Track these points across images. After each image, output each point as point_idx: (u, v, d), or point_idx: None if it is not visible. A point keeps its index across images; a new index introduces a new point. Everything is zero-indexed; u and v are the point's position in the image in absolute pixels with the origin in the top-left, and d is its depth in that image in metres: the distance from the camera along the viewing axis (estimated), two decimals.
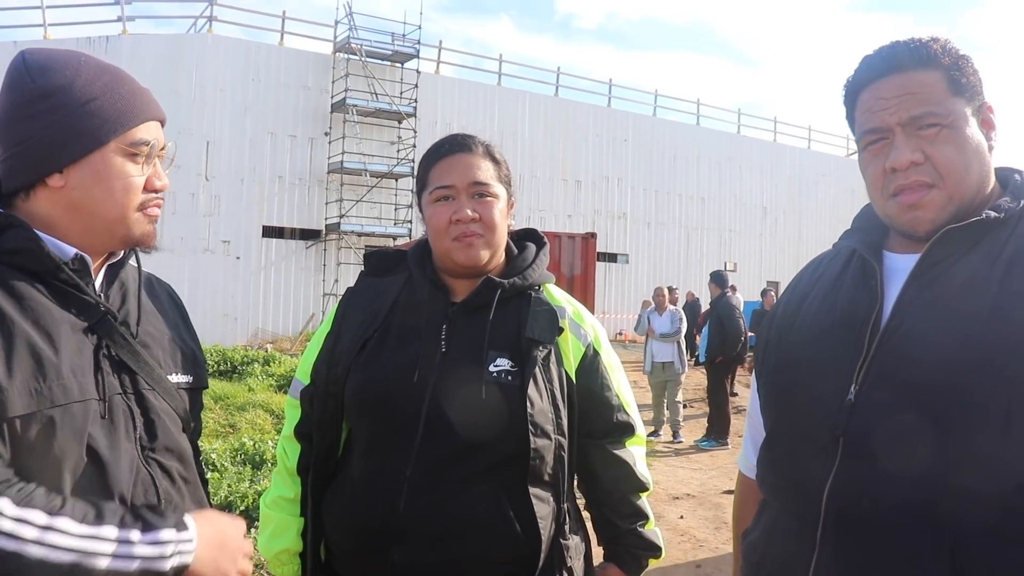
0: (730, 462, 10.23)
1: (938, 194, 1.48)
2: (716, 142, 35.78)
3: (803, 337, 1.66)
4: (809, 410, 1.57)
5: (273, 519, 2.11)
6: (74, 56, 1.55)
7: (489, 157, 2.06)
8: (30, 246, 1.44)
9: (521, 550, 1.90)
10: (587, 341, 2.10)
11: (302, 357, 2.22)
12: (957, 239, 1.47)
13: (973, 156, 1.49)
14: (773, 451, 1.71)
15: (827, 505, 1.48)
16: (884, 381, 1.45)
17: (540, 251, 2.16)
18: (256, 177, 25.29)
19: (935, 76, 1.49)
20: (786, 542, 1.60)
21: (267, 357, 14.22)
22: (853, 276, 1.63)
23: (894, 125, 1.50)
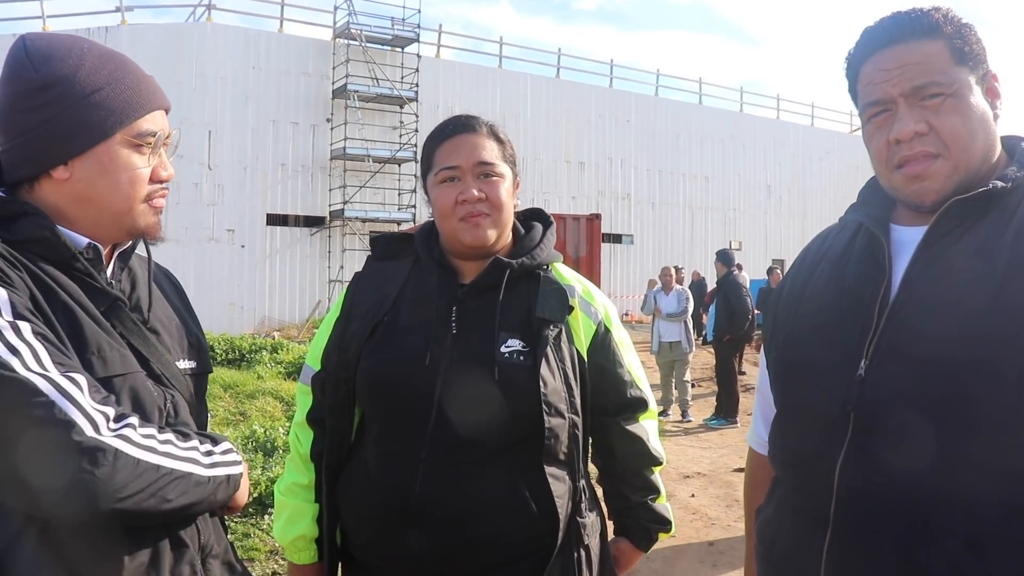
0: (740, 440, 10.24)
1: (943, 164, 1.46)
2: (719, 121, 35.65)
3: (811, 312, 1.65)
4: (819, 385, 1.56)
5: (288, 506, 2.11)
6: (77, 43, 1.52)
7: (493, 137, 2.06)
8: (46, 235, 1.44)
9: (538, 529, 1.90)
10: (598, 319, 2.10)
11: (312, 343, 2.22)
12: (965, 210, 1.45)
13: (978, 125, 1.47)
14: (784, 427, 1.71)
15: (839, 480, 1.48)
16: (894, 355, 1.45)
17: (547, 230, 2.16)
18: (259, 165, 25.27)
19: (937, 45, 1.47)
20: (799, 518, 1.59)
21: (275, 345, 14.23)
22: (860, 250, 1.62)
23: (897, 96, 1.49)
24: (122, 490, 1.27)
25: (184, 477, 1.39)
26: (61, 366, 1.29)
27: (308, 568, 2.12)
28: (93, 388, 1.32)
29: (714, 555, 5.93)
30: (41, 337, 1.30)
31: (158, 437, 1.37)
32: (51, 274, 1.42)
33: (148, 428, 1.37)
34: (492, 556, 1.90)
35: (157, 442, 1.36)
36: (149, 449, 1.33)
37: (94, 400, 1.30)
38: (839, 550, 1.48)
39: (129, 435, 1.31)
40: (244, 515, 5.72)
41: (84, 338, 1.40)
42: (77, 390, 1.28)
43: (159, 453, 1.35)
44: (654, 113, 33.72)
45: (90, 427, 1.27)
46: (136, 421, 1.34)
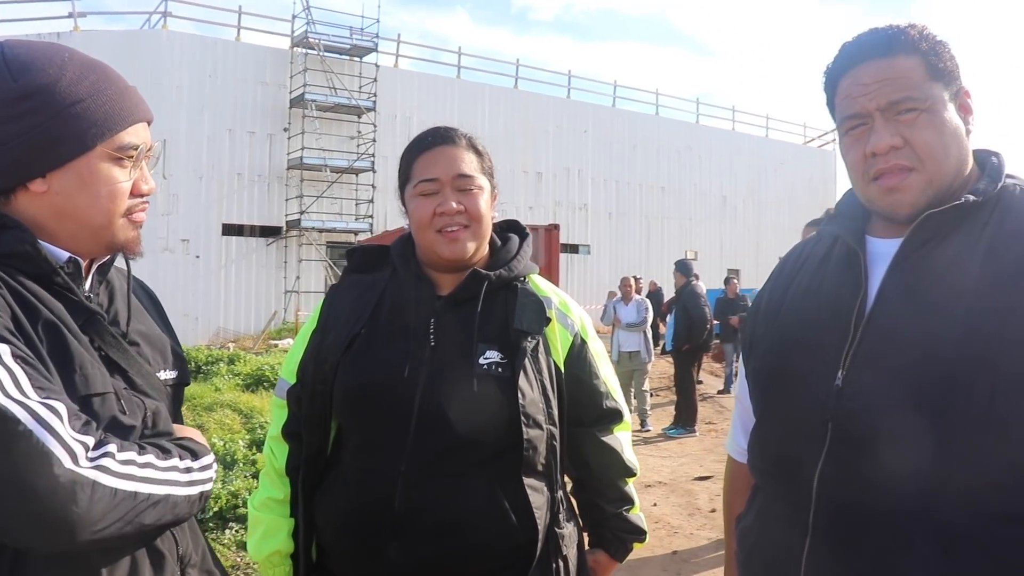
0: (699, 449, 10.32)
1: (918, 177, 1.49)
2: (676, 132, 36.00)
3: (790, 323, 1.68)
4: (798, 395, 1.59)
5: (263, 521, 2.09)
6: (58, 52, 1.47)
7: (472, 149, 2.06)
8: (27, 249, 1.40)
9: (518, 540, 1.90)
10: (574, 330, 2.10)
11: (287, 356, 2.19)
12: (938, 223, 1.49)
13: (951, 140, 1.51)
14: (764, 436, 1.73)
15: (818, 489, 1.50)
16: (870, 366, 1.47)
17: (523, 242, 2.16)
18: (215, 174, 25.03)
19: (913, 62, 1.51)
20: (779, 527, 1.62)
21: (232, 356, 14.05)
22: (837, 262, 1.65)
23: (873, 110, 1.52)
24: (99, 522, 1.25)
25: (162, 500, 1.36)
26: (41, 391, 1.26)
27: None
28: (73, 415, 1.28)
29: (678, 563, 5.96)
30: (21, 360, 1.27)
31: (138, 461, 1.34)
32: (32, 290, 1.38)
33: (128, 452, 1.33)
34: (472, 567, 1.89)
35: (136, 467, 1.33)
36: (127, 477, 1.30)
37: (73, 428, 1.26)
38: (818, 557, 1.51)
39: (107, 465, 1.28)
40: (204, 530, 5.64)
41: (68, 356, 1.37)
42: (56, 419, 1.25)
43: (137, 479, 1.32)
44: (611, 124, 33.94)
45: (68, 459, 1.23)
46: (115, 448, 1.31)
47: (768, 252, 36.36)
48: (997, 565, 1.34)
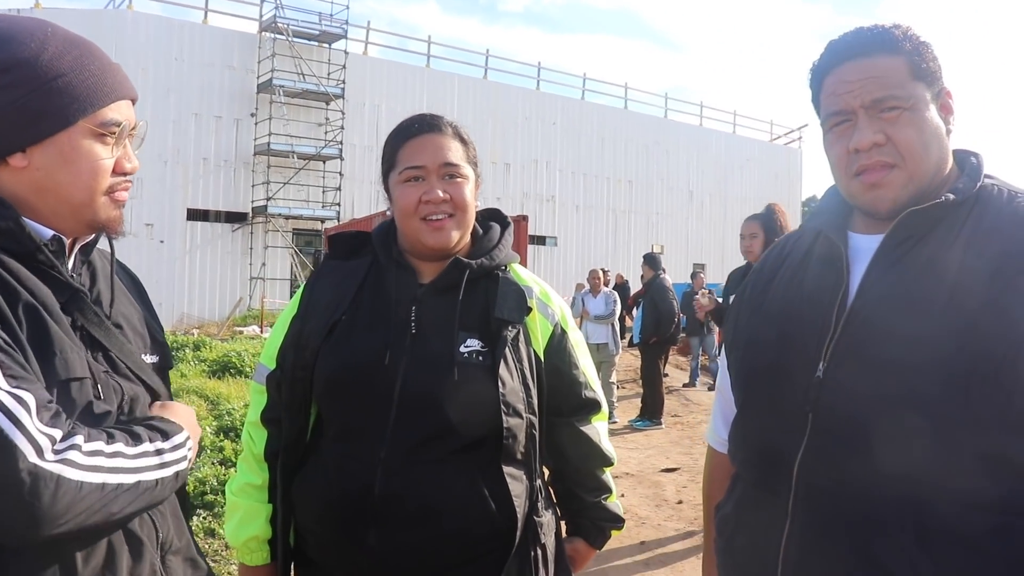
0: (665, 441, 10.39)
1: (899, 174, 1.53)
2: (644, 126, 36.18)
3: (772, 316, 1.71)
4: (779, 386, 1.62)
5: (241, 507, 2.08)
6: (40, 26, 1.45)
7: (458, 138, 2.06)
8: (10, 226, 1.38)
9: (497, 528, 1.91)
10: (555, 320, 2.11)
11: (267, 342, 2.18)
12: (918, 221, 1.52)
13: (932, 138, 1.54)
14: (745, 426, 1.76)
15: (798, 477, 1.54)
16: (850, 358, 1.51)
17: (505, 231, 2.16)
18: (180, 159, 24.78)
19: (897, 61, 1.54)
20: (758, 514, 1.65)
21: (197, 342, 13.95)
22: (819, 256, 1.68)
23: (857, 108, 1.55)
24: (63, 515, 1.24)
25: (131, 488, 1.34)
26: (12, 379, 1.24)
27: (260, 569, 2.09)
28: (42, 407, 1.26)
29: (646, 554, 6.01)
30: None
31: (105, 451, 1.32)
32: (12, 269, 1.36)
33: (95, 442, 1.31)
34: (451, 555, 1.90)
35: (104, 457, 1.31)
36: (94, 468, 1.28)
37: (41, 420, 1.24)
38: (797, 543, 1.54)
39: (72, 458, 1.26)
40: None
41: (47, 339, 1.35)
42: (24, 411, 1.23)
43: (105, 470, 1.30)
44: (580, 116, 34.05)
45: (33, 452, 1.21)
46: (82, 439, 1.29)
47: (734, 248, 36.46)
48: (972, 553, 1.38)
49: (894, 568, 1.42)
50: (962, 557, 1.38)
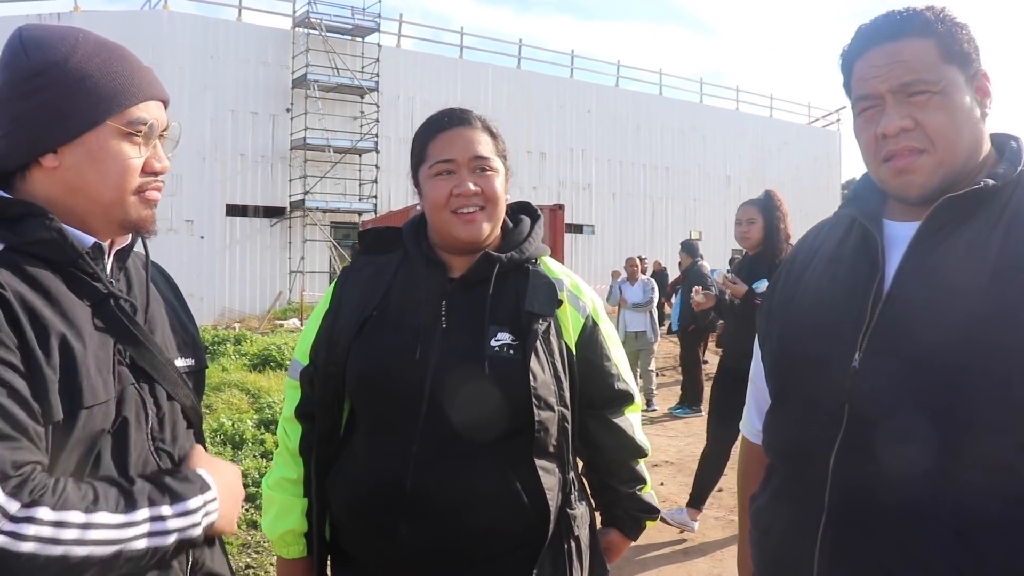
0: (704, 428, 10.32)
1: (928, 159, 1.50)
2: (679, 112, 35.89)
3: (806, 305, 1.69)
4: (814, 377, 1.60)
5: (277, 500, 2.10)
6: (71, 32, 1.49)
7: (488, 131, 2.06)
8: (53, 236, 1.40)
9: (529, 522, 1.91)
10: (586, 312, 2.10)
11: (300, 338, 2.20)
12: (956, 207, 1.49)
13: (964, 123, 1.51)
14: (779, 417, 1.74)
15: (834, 470, 1.52)
16: (887, 348, 1.48)
17: (535, 224, 2.16)
18: (218, 155, 24.99)
19: (927, 44, 1.51)
20: (794, 507, 1.63)
21: (238, 336, 14.06)
22: (854, 245, 1.66)
23: (885, 92, 1.53)
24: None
25: (108, 559, 1.29)
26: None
27: (297, 563, 2.11)
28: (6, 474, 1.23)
29: (685, 543, 5.99)
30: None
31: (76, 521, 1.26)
32: (48, 289, 1.37)
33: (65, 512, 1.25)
34: (484, 549, 1.90)
35: (74, 528, 1.25)
36: (53, 541, 1.23)
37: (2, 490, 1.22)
38: (833, 537, 1.52)
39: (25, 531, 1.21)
40: None
41: (75, 368, 1.35)
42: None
43: (70, 542, 1.25)
44: (615, 104, 33.84)
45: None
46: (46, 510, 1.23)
47: None
48: (1011, 547, 1.35)
49: (932, 563, 1.40)
50: (1003, 550, 1.36)
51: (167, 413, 1.55)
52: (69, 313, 1.38)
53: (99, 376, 1.39)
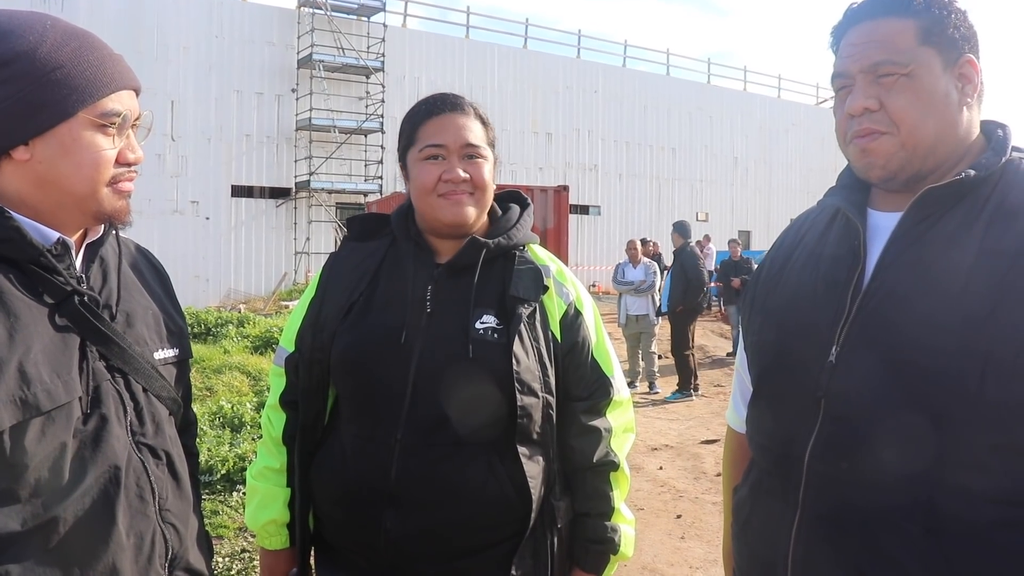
0: (706, 412, 10.34)
1: (889, 141, 1.48)
2: (686, 92, 35.75)
3: (787, 297, 1.67)
4: (792, 370, 1.59)
5: (260, 490, 2.09)
6: (39, 19, 1.45)
7: (479, 119, 2.04)
8: (11, 235, 1.38)
9: (513, 510, 1.90)
10: (569, 300, 2.07)
11: (286, 324, 2.18)
12: (938, 198, 1.46)
13: (931, 107, 1.47)
14: (759, 410, 1.73)
15: (808, 467, 1.51)
16: (864, 343, 1.46)
17: (524, 212, 2.15)
18: (223, 136, 24.99)
19: (905, 24, 1.48)
20: (770, 501, 1.63)
21: (241, 318, 14.08)
22: (837, 235, 1.64)
23: (856, 72, 1.51)
24: None
25: None
26: None
27: (280, 553, 2.10)
28: None
29: (682, 527, 5.98)
30: None
31: None
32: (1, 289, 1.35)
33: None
34: (468, 537, 1.89)
35: None
36: None
37: None
38: (807, 535, 1.52)
39: None
40: (212, 492, 5.69)
41: (26, 378, 1.32)
42: None
43: None
44: (621, 84, 33.72)
45: None
46: None
47: (779, 214, 36.25)
48: (981, 545, 1.34)
49: (903, 561, 1.39)
50: (972, 549, 1.35)
51: (144, 406, 1.53)
52: (19, 319, 1.35)
53: (58, 379, 1.36)
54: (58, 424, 1.35)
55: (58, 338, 1.40)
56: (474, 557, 1.90)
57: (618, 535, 2.05)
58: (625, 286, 11.77)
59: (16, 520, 1.30)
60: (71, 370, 1.40)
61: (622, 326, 12.02)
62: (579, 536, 2.04)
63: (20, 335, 1.34)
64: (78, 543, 1.36)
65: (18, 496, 1.31)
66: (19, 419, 1.29)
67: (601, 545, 2.03)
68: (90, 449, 1.40)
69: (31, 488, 1.32)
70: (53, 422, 1.35)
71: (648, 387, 11.74)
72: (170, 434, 1.61)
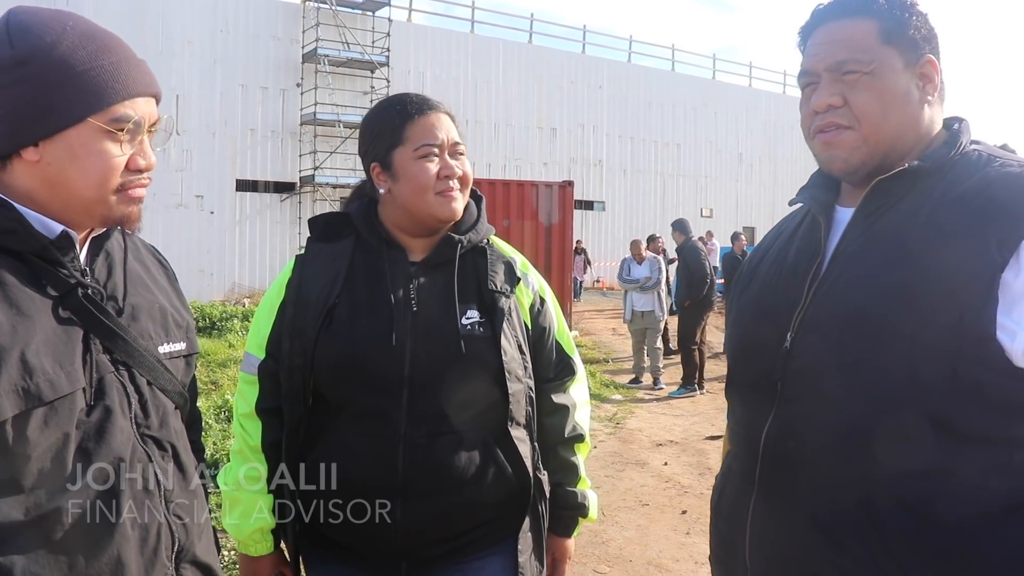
0: (711, 408, 10.33)
1: (852, 135, 1.56)
2: (691, 88, 35.69)
3: (755, 290, 1.78)
4: (756, 357, 1.67)
5: (241, 500, 2.07)
6: (59, 19, 1.43)
7: (451, 116, 2.11)
8: (14, 227, 1.38)
9: (513, 490, 2.03)
10: (535, 289, 2.20)
11: (251, 330, 2.16)
12: (888, 189, 1.54)
13: (892, 105, 1.55)
14: (731, 397, 1.84)
15: (763, 446, 1.59)
16: (813, 328, 1.54)
17: (480, 205, 2.21)
18: (228, 130, 24.97)
19: (868, 25, 1.56)
20: (736, 483, 1.72)
21: (246, 312, 14.11)
22: (804, 231, 1.73)
23: (821, 70, 1.59)
24: None
25: None
26: None
27: (263, 559, 2.12)
28: None
29: (687, 523, 5.99)
30: None
31: None
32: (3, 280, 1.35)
33: None
34: (474, 518, 2.00)
35: None
36: None
37: None
38: (761, 511, 1.60)
39: None
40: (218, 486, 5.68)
41: (28, 368, 1.32)
42: None
43: None
44: (626, 80, 33.66)
45: None
46: None
47: (784, 210, 35.80)
48: (916, 520, 1.40)
49: (847, 543, 1.46)
50: (908, 525, 1.40)
51: (149, 399, 1.53)
52: (23, 309, 1.35)
53: (60, 369, 1.36)
54: (61, 415, 1.35)
55: (61, 330, 1.40)
56: (479, 531, 2.02)
57: (588, 500, 2.25)
58: (631, 283, 11.79)
59: (19, 510, 1.30)
60: (74, 361, 1.40)
61: (628, 322, 12.05)
62: (553, 504, 2.19)
63: (23, 326, 1.33)
64: (82, 534, 1.36)
65: (21, 486, 1.31)
66: (21, 408, 1.29)
67: (574, 511, 2.24)
68: (94, 440, 1.40)
69: (34, 478, 1.32)
70: (56, 412, 1.34)
71: (653, 382, 11.75)
72: (176, 427, 1.61)
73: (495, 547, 2.04)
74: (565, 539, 2.26)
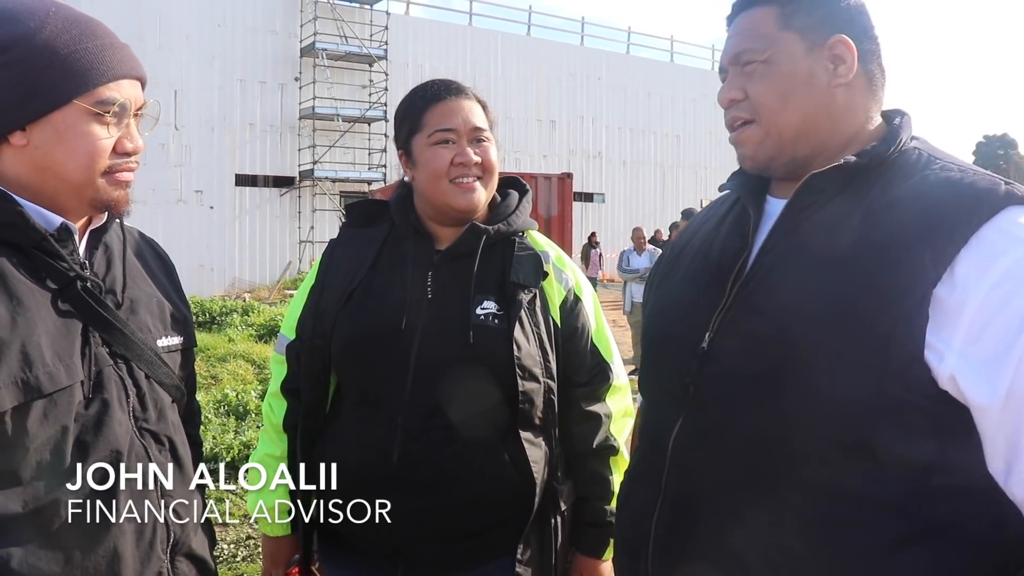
0: None
1: (754, 129, 1.49)
2: (691, 79, 35.64)
3: (675, 281, 1.66)
4: (670, 357, 1.56)
5: (265, 468, 2.06)
6: (43, 6, 1.45)
7: (479, 102, 2.06)
8: (14, 219, 1.39)
9: (516, 494, 1.91)
10: (568, 286, 2.08)
11: (287, 312, 2.19)
12: (821, 185, 1.42)
13: (792, 91, 1.45)
14: (644, 397, 1.73)
15: (671, 452, 1.49)
16: (733, 329, 1.44)
17: (523, 198, 2.15)
18: (227, 125, 24.97)
19: (767, 12, 1.47)
20: (641, 487, 1.61)
21: (246, 307, 14.11)
22: (731, 220, 1.61)
23: (727, 64, 1.54)
24: None
25: None
26: None
27: (281, 540, 2.12)
28: None
29: None
30: None
31: None
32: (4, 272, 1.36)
33: None
34: (471, 521, 1.91)
35: None
36: None
37: None
38: (666, 519, 1.49)
39: None
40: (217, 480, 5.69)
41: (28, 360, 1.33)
42: None
43: None
44: (626, 71, 33.63)
45: None
46: None
47: None
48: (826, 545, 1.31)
49: (744, 555, 1.37)
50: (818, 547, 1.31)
51: (147, 393, 1.54)
52: (22, 301, 1.36)
53: (60, 362, 1.37)
54: (60, 407, 1.36)
55: (60, 323, 1.40)
56: (478, 539, 1.92)
57: None
58: (630, 274, 11.76)
59: (17, 502, 1.31)
60: (73, 354, 1.40)
61: (627, 314, 11.99)
62: (579, 520, 2.06)
63: (22, 318, 1.34)
64: (79, 527, 1.37)
65: (19, 478, 1.32)
66: (21, 401, 1.30)
67: (601, 529, 2.05)
68: (92, 433, 1.41)
69: (32, 471, 1.33)
70: (55, 405, 1.35)
71: None
72: (173, 421, 1.62)
73: (498, 561, 1.94)
74: (595, 560, 2.07)
